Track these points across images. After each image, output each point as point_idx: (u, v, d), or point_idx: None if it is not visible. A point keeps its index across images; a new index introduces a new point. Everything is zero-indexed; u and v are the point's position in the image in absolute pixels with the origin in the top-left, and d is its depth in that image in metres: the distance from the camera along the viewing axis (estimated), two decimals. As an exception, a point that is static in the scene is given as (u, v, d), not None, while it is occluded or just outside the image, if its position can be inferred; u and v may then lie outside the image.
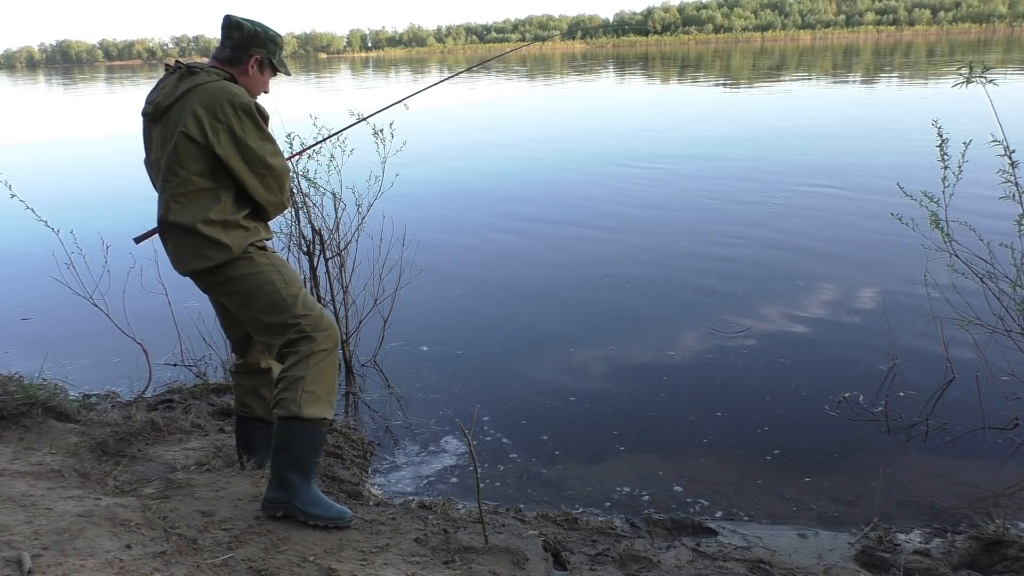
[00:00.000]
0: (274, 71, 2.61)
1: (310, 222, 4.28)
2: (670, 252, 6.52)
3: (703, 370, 4.18)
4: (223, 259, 2.43)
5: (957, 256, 3.50)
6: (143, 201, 2.91)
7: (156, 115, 2.45)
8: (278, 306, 2.44)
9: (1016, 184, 3.22)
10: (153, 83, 2.55)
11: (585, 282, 5.76)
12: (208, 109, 2.34)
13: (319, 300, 4.34)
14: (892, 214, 3.69)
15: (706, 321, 4.91)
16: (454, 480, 3.25)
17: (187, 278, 2.60)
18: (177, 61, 2.50)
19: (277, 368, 2.59)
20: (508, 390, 4.07)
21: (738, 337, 4.60)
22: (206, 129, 2.34)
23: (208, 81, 2.40)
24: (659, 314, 5.09)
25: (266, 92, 2.64)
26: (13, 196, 3.94)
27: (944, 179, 3.43)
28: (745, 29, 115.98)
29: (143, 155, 2.61)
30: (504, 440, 3.54)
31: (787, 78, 28.52)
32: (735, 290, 5.47)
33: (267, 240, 2.60)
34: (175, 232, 2.46)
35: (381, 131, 4.25)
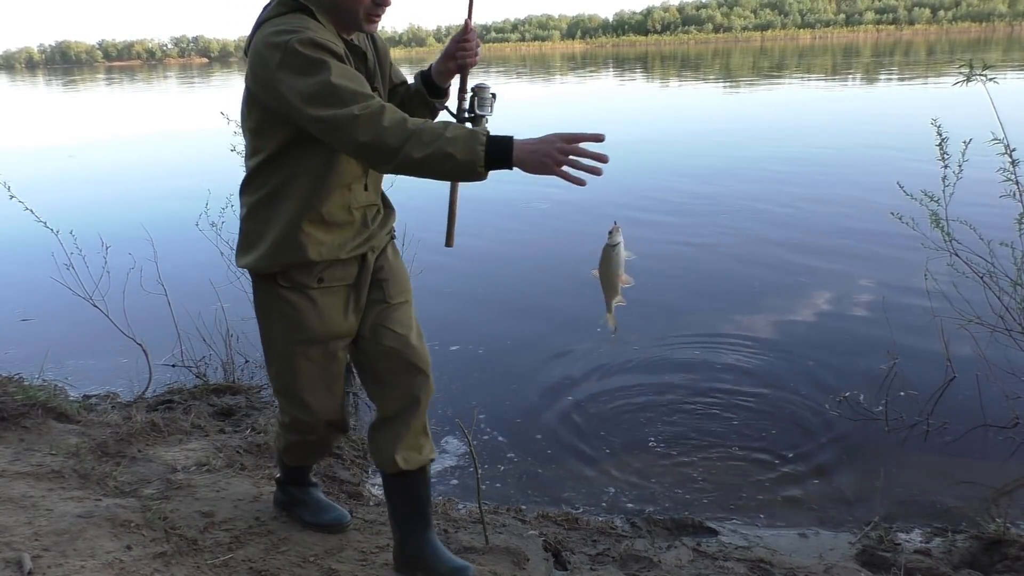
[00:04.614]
0: None
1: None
2: (668, 251, 6.51)
3: (703, 370, 4.18)
4: None
5: (957, 255, 3.50)
6: (141, 202, 2.90)
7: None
8: None
9: (1016, 183, 3.21)
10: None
11: (584, 281, 5.75)
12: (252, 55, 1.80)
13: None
14: (892, 213, 3.68)
15: (704, 320, 4.91)
16: (454, 480, 3.25)
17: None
18: None
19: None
20: (507, 390, 4.07)
21: (738, 337, 4.60)
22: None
23: (267, 17, 1.84)
24: (658, 313, 5.08)
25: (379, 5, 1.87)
26: (12, 197, 3.94)
27: (944, 178, 3.43)
28: (745, 29, 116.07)
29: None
30: (504, 440, 3.54)
31: (787, 77, 28.52)
32: (735, 290, 5.47)
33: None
34: None
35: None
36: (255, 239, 1.96)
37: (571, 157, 1.67)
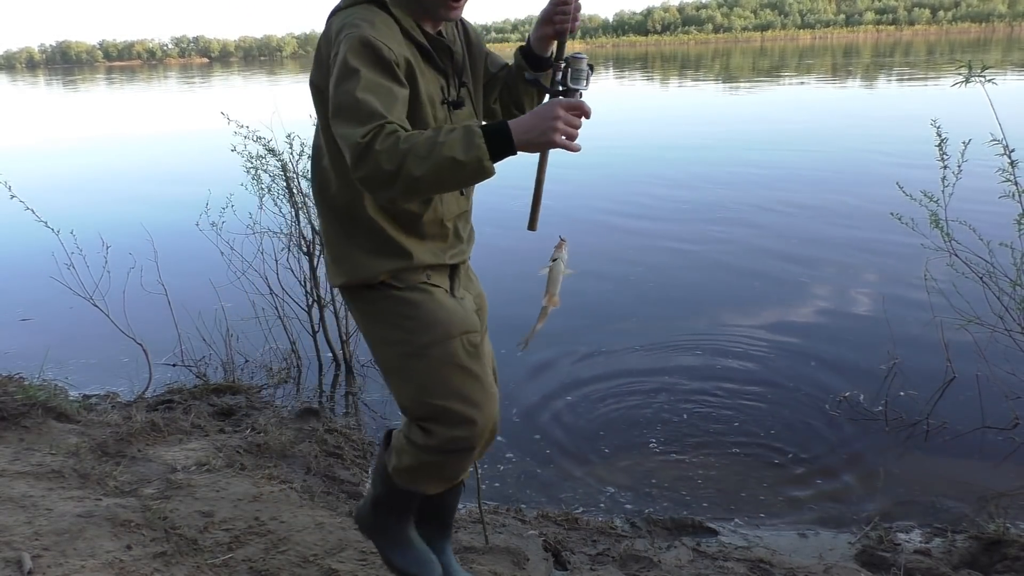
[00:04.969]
0: None
1: (310, 222, 4.28)
2: (666, 252, 6.51)
3: (703, 370, 4.18)
4: None
5: (957, 256, 3.50)
6: (142, 201, 2.89)
7: None
8: None
9: (1015, 183, 3.21)
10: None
11: (581, 281, 5.76)
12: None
13: (319, 300, 4.35)
14: (892, 214, 3.68)
15: (705, 321, 4.91)
16: (454, 480, 3.25)
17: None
18: None
19: None
20: (506, 390, 4.05)
21: (738, 337, 4.60)
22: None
23: (337, 8, 1.73)
24: (658, 313, 5.09)
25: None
26: (13, 197, 3.94)
27: (943, 179, 3.43)
28: (745, 29, 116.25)
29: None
30: (504, 440, 3.54)
31: (787, 78, 28.53)
32: (734, 290, 5.47)
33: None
34: None
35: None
36: (346, 250, 1.77)
37: (572, 130, 1.52)
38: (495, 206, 6.44)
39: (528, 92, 1.96)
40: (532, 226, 1.97)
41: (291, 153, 4.19)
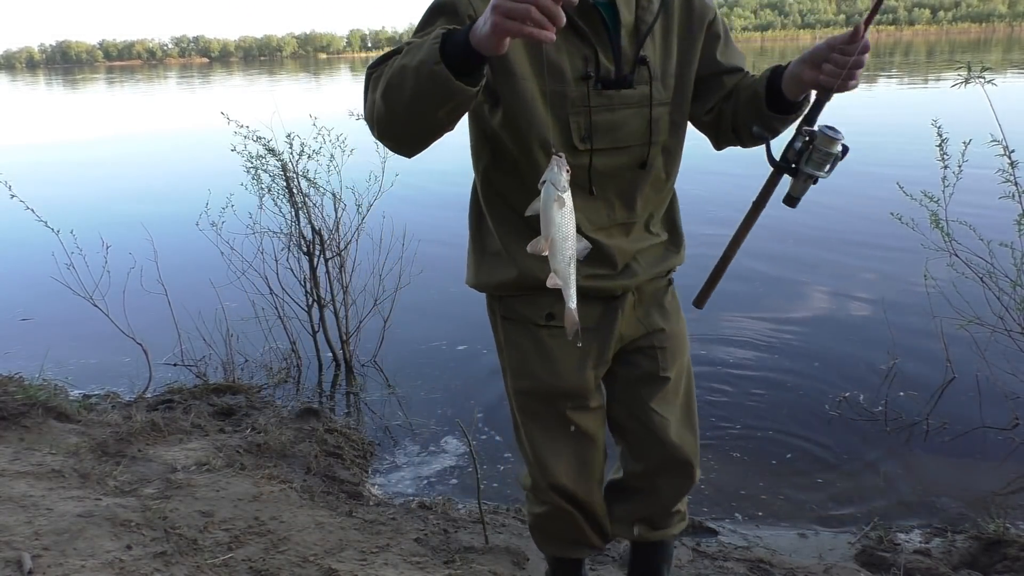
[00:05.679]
0: None
1: (310, 222, 4.28)
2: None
3: (701, 370, 4.17)
4: None
5: (957, 256, 3.50)
6: (142, 201, 2.89)
7: None
8: None
9: (1016, 184, 3.22)
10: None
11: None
12: None
13: (319, 300, 4.35)
14: (892, 214, 3.69)
15: (703, 321, 4.90)
16: (454, 480, 3.25)
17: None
18: None
19: None
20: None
21: (737, 337, 4.60)
22: None
23: None
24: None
25: None
26: (13, 196, 3.94)
27: (944, 179, 3.43)
28: (745, 29, 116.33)
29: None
30: (504, 440, 3.54)
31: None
32: (734, 290, 5.47)
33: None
34: None
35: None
36: (473, 251, 1.63)
37: (517, 6, 1.05)
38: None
39: (751, 119, 1.55)
40: (698, 303, 1.67)
41: (291, 153, 4.19)
